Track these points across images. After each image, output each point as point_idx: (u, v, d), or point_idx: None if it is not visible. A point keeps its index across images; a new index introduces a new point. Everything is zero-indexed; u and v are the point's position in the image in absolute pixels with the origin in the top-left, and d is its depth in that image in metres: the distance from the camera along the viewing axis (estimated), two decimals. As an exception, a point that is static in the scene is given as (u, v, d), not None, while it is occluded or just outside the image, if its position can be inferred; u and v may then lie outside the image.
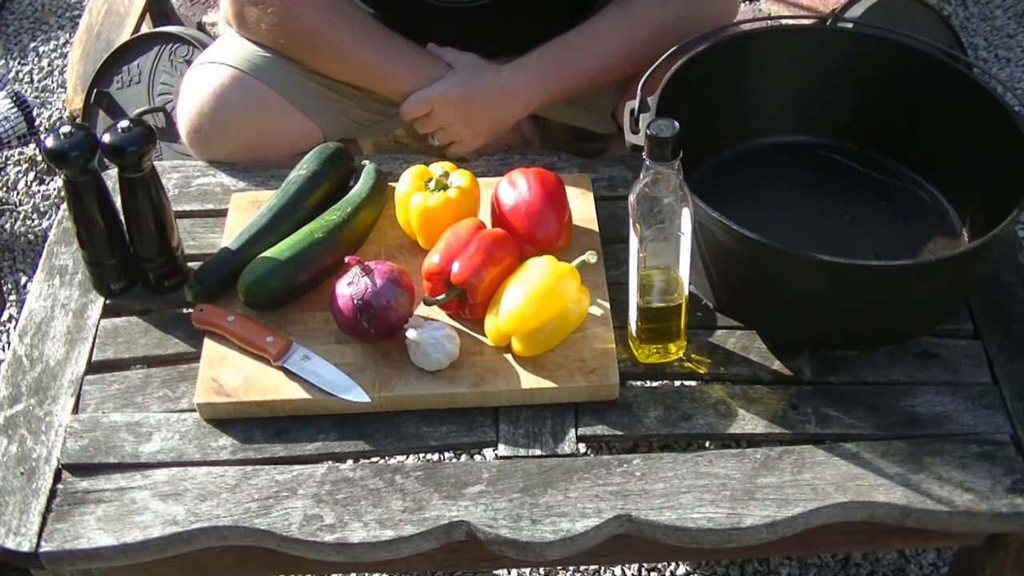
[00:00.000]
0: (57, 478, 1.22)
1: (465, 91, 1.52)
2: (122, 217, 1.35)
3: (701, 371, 1.29)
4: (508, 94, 1.53)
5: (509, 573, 1.67)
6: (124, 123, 1.29)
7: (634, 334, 1.28)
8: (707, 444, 1.25)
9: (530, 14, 1.58)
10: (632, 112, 1.28)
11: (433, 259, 1.29)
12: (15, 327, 1.61)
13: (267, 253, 1.33)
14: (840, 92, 1.45)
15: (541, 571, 1.68)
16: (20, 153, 2.48)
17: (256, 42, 1.56)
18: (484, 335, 1.29)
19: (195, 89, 1.55)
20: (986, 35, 2.68)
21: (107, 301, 1.40)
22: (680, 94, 1.31)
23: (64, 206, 1.38)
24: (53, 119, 2.59)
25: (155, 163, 1.32)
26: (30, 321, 1.38)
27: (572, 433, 1.23)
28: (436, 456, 1.45)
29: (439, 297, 1.28)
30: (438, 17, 1.57)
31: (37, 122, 2.39)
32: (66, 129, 1.28)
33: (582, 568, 1.69)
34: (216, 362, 1.29)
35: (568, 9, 1.58)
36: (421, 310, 1.32)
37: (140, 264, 1.38)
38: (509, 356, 1.28)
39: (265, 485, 1.20)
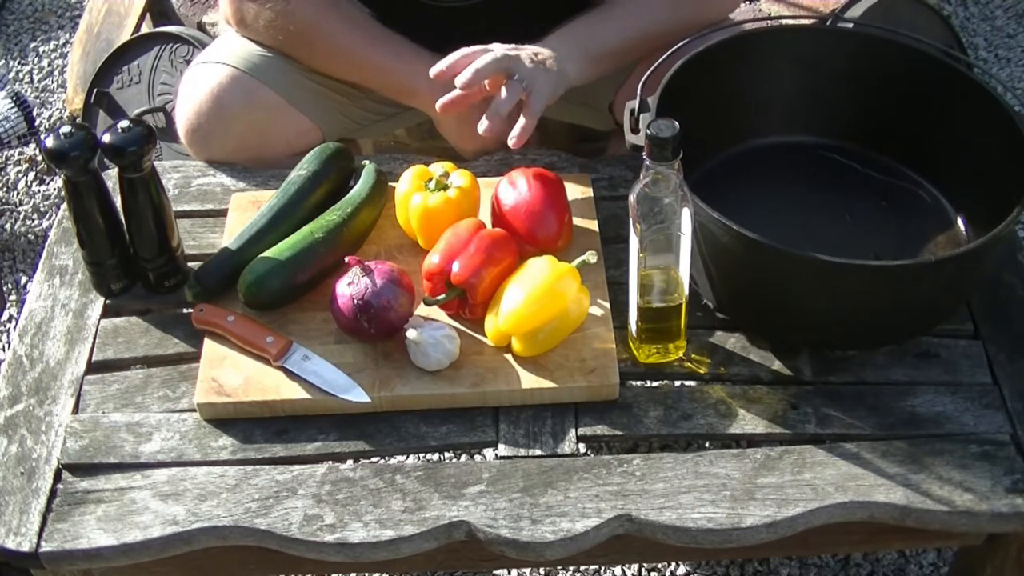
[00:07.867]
0: (57, 478, 1.22)
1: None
2: (122, 217, 1.35)
3: (701, 371, 1.29)
4: None
5: (509, 573, 1.67)
6: (124, 123, 1.29)
7: (634, 334, 1.28)
8: (707, 444, 1.25)
9: (521, 13, 1.57)
10: (632, 112, 1.28)
11: (433, 259, 1.29)
12: (15, 327, 1.61)
13: (267, 253, 1.33)
14: (840, 92, 1.45)
15: (541, 571, 1.68)
16: (20, 153, 2.48)
17: (255, 41, 1.56)
18: (484, 335, 1.29)
19: (193, 89, 1.55)
20: (986, 35, 2.68)
21: (107, 301, 1.39)
22: (680, 94, 1.30)
23: (64, 206, 1.38)
24: (53, 119, 2.58)
25: (155, 163, 1.32)
26: (30, 321, 1.38)
27: (572, 433, 1.23)
28: (436, 456, 1.45)
29: (439, 297, 1.28)
30: (430, 17, 1.56)
31: (37, 122, 2.39)
32: (66, 129, 1.28)
33: (582, 568, 1.69)
34: (216, 362, 1.29)
35: (560, 8, 1.58)
36: (421, 310, 1.32)
37: (140, 264, 1.38)
38: (509, 356, 1.28)
39: (265, 485, 1.20)
